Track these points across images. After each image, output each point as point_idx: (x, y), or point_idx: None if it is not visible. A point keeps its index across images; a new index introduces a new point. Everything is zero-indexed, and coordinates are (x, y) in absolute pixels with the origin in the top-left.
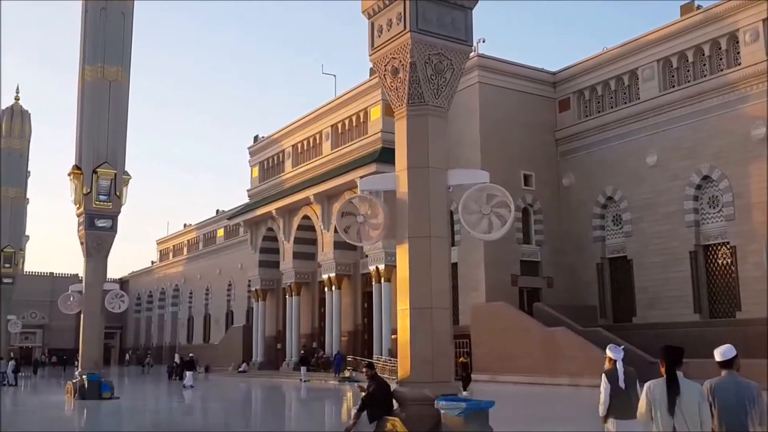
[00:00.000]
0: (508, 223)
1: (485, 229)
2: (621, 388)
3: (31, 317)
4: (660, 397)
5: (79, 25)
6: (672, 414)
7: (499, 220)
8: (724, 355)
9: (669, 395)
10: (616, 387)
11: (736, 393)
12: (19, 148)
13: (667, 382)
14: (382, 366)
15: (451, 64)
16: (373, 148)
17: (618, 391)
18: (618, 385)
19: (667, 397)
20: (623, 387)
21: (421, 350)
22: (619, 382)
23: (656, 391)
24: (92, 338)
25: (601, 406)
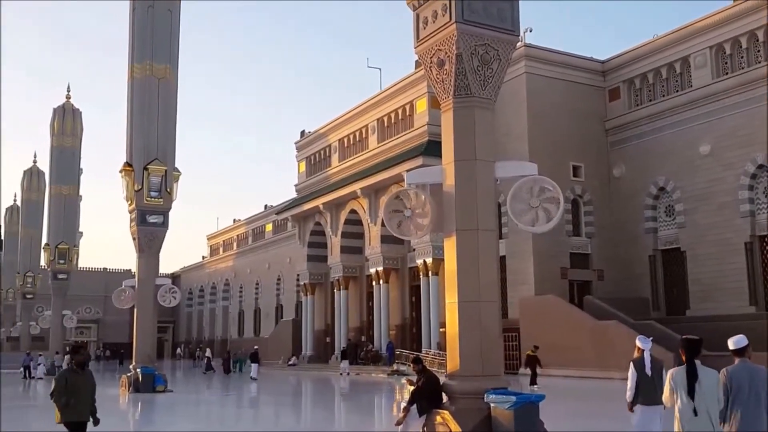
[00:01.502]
0: (557, 216)
1: (534, 222)
2: (647, 376)
3: (86, 312)
4: (681, 382)
5: (128, 24)
6: (692, 397)
7: (548, 213)
8: (737, 344)
9: (689, 381)
10: (643, 375)
11: (750, 377)
12: (71, 146)
13: (687, 369)
14: (431, 359)
15: (498, 54)
16: (419, 141)
17: (645, 378)
18: (645, 373)
19: (687, 382)
20: (649, 375)
21: (470, 344)
22: (646, 369)
23: (677, 377)
24: (146, 332)
25: (629, 392)
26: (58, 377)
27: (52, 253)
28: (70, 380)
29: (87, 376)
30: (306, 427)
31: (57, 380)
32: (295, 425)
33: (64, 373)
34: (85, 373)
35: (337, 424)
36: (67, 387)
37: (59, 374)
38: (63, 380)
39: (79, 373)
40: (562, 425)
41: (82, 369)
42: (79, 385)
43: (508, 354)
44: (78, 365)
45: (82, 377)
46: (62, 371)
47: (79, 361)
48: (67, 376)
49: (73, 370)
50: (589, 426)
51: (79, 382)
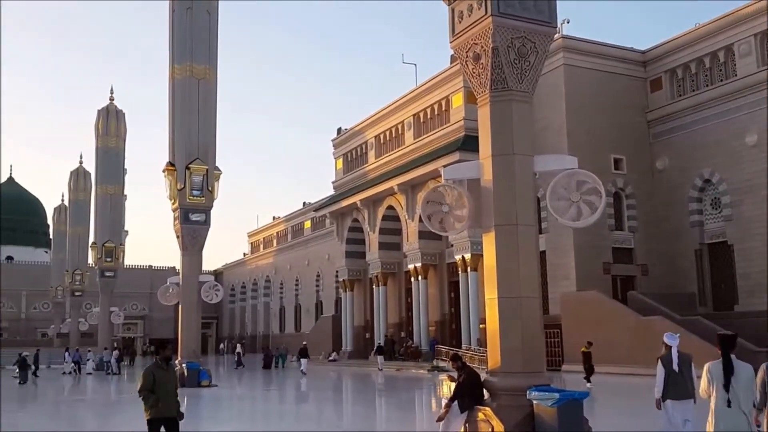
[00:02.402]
0: (599, 210)
1: (575, 216)
2: (675, 371)
3: (133, 308)
4: (717, 375)
5: (167, 26)
6: (727, 390)
7: (589, 207)
8: None
9: (725, 374)
10: (670, 370)
11: None
12: (116, 147)
13: (723, 363)
14: (471, 356)
15: (535, 47)
16: (455, 137)
17: (672, 374)
18: (672, 368)
19: (723, 375)
20: (677, 370)
21: (511, 340)
22: (673, 365)
23: (714, 371)
24: (190, 328)
25: (656, 388)
26: (145, 373)
27: (99, 251)
28: (157, 376)
29: (171, 372)
30: (347, 422)
31: (144, 376)
32: (336, 421)
33: (150, 369)
34: (170, 368)
35: (378, 420)
36: (155, 383)
37: (146, 370)
38: (151, 376)
39: (164, 368)
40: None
41: (167, 364)
42: (166, 381)
43: (549, 350)
44: (163, 360)
45: (168, 373)
46: (148, 367)
47: (165, 357)
48: (154, 372)
49: (159, 366)
50: (633, 424)
51: (165, 377)
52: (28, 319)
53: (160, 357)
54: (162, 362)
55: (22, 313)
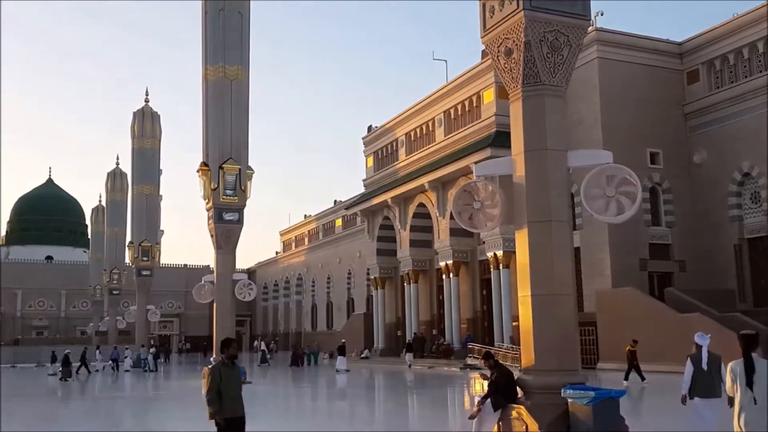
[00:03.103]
0: (635, 205)
1: (610, 212)
2: (704, 370)
3: (169, 306)
4: (740, 374)
5: (200, 27)
6: (750, 387)
7: (625, 202)
8: None
9: (746, 372)
10: (700, 369)
11: None
12: (151, 148)
13: (744, 362)
14: (504, 354)
15: (568, 40)
16: (487, 133)
17: (701, 372)
18: (701, 367)
19: (745, 373)
20: (706, 369)
21: (545, 338)
22: (702, 364)
23: (737, 369)
24: (225, 326)
25: (683, 385)
26: (211, 372)
27: (135, 250)
28: (223, 375)
29: (236, 370)
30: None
31: (211, 376)
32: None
33: (217, 368)
34: (235, 366)
35: (410, 417)
36: (221, 382)
37: (212, 369)
38: (217, 376)
39: (230, 367)
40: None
41: (232, 363)
42: (232, 380)
43: (584, 348)
44: (229, 359)
45: (233, 371)
46: (214, 366)
47: (230, 355)
48: (220, 371)
49: (225, 364)
50: (670, 423)
51: (231, 376)
52: (67, 318)
53: (225, 355)
54: (227, 361)
55: (62, 311)
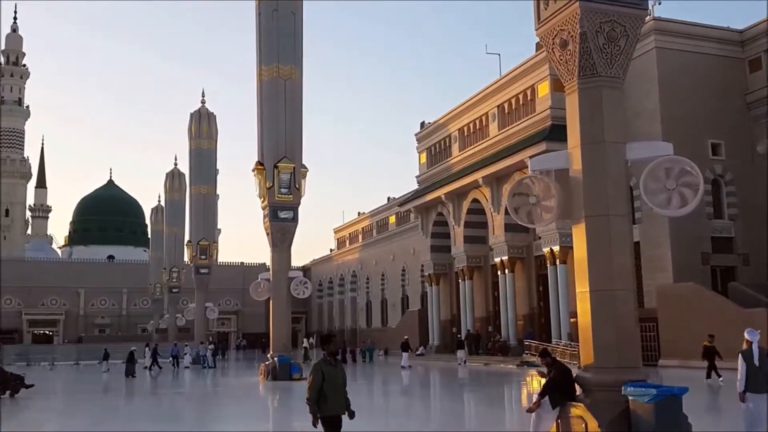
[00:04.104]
0: (696, 198)
1: (671, 206)
2: (755, 366)
3: (226, 304)
4: None
5: (254, 28)
6: None
7: (686, 195)
8: None
9: None
10: (752, 365)
11: None
12: (208, 148)
13: None
14: (562, 351)
15: (625, 30)
16: (541, 126)
17: (753, 368)
18: (753, 363)
19: None
20: (757, 365)
21: (604, 334)
22: (754, 360)
23: None
24: (281, 323)
25: (739, 382)
26: (314, 370)
27: (194, 249)
28: (326, 372)
29: (339, 367)
30: (436, 417)
31: (314, 373)
32: (425, 415)
33: (319, 365)
34: (338, 363)
35: (467, 415)
36: (324, 380)
37: (315, 367)
38: (320, 373)
39: (333, 363)
40: (707, 420)
41: (335, 359)
42: (335, 377)
43: (645, 345)
44: (330, 355)
45: (336, 368)
46: (317, 363)
47: (331, 351)
48: (323, 368)
49: (327, 361)
50: (734, 421)
51: (334, 373)
52: (129, 316)
53: (326, 352)
54: (329, 357)
55: (123, 309)
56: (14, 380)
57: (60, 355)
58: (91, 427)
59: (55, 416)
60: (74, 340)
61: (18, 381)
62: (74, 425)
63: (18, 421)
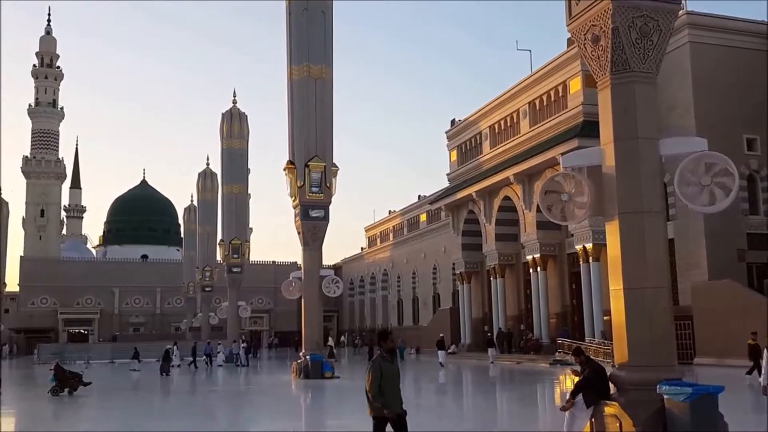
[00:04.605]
0: (731, 194)
1: (705, 202)
2: None
3: (258, 302)
4: None
5: (285, 28)
6: None
7: (722, 191)
8: None
9: None
10: None
11: None
12: (239, 148)
13: None
14: (595, 349)
15: (658, 25)
16: (573, 123)
17: None
18: None
19: None
20: None
21: (638, 333)
22: None
23: None
24: (313, 321)
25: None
26: (372, 366)
27: (226, 248)
28: (384, 370)
29: (396, 365)
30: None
31: (372, 370)
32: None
33: (377, 362)
34: (394, 360)
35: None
36: (382, 377)
37: (373, 364)
38: (378, 370)
39: (390, 361)
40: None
41: (392, 357)
42: (392, 375)
43: (680, 343)
44: (388, 352)
45: (393, 366)
46: (374, 360)
47: (389, 348)
48: (381, 365)
49: (384, 358)
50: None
51: (392, 371)
52: (162, 314)
53: (383, 349)
54: (386, 354)
55: (157, 308)
56: (73, 378)
57: (95, 353)
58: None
59: (114, 413)
60: (109, 338)
61: (76, 378)
62: (127, 422)
63: (81, 418)
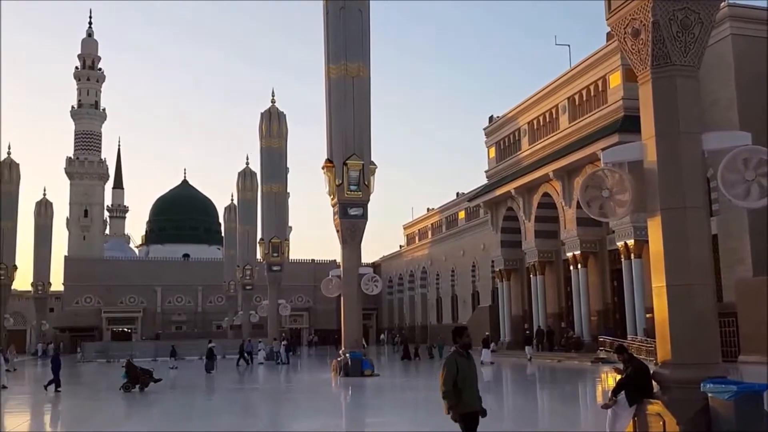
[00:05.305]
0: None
1: (749, 197)
2: None
3: (298, 301)
4: None
5: (322, 27)
6: None
7: (765, 185)
8: None
9: None
10: None
11: None
12: (278, 147)
13: None
14: (638, 347)
15: (699, 18)
16: (613, 118)
17: None
18: None
19: None
20: None
21: (682, 330)
22: None
23: None
24: (352, 319)
25: None
26: (447, 363)
27: (266, 246)
28: (460, 366)
29: (472, 361)
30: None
31: (447, 367)
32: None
33: (453, 359)
34: (470, 357)
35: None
36: (458, 374)
37: (448, 360)
38: (454, 366)
39: (466, 357)
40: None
41: (467, 353)
42: (468, 371)
43: (724, 341)
44: (463, 348)
45: (469, 362)
46: (450, 356)
47: (464, 344)
48: (457, 362)
49: (460, 354)
50: None
51: (468, 367)
52: (204, 312)
53: (458, 345)
54: (462, 350)
55: (199, 306)
56: (144, 374)
57: (138, 351)
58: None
59: (186, 409)
60: (152, 336)
61: (147, 375)
62: (194, 417)
63: (151, 415)
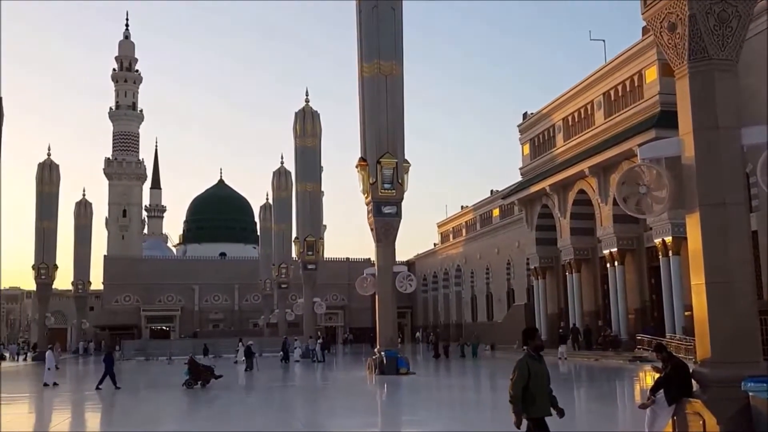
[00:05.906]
0: None
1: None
2: None
3: (333, 299)
4: None
5: (355, 26)
6: None
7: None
8: None
9: None
10: None
11: None
12: (312, 146)
13: None
14: (676, 345)
15: (737, 11)
16: (650, 113)
17: None
18: None
19: None
20: None
21: (722, 328)
22: None
23: None
24: (387, 317)
25: None
26: (519, 366)
27: (301, 245)
28: (532, 369)
29: (544, 364)
30: None
31: (519, 369)
32: None
33: (525, 361)
34: (542, 359)
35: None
36: (530, 377)
37: (520, 363)
38: (526, 369)
39: (537, 360)
40: None
41: (539, 355)
42: (541, 374)
43: (765, 338)
44: (535, 350)
45: (541, 364)
46: (522, 359)
47: (536, 346)
48: (529, 364)
49: (532, 357)
50: None
51: (540, 370)
52: (240, 311)
53: (530, 347)
54: (534, 353)
55: (236, 305)
56: (205, 371)
57: (177, 349)
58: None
59: (248, 406)
60: (190, 334)
61: (209, 372)
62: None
63: (217, 412)
